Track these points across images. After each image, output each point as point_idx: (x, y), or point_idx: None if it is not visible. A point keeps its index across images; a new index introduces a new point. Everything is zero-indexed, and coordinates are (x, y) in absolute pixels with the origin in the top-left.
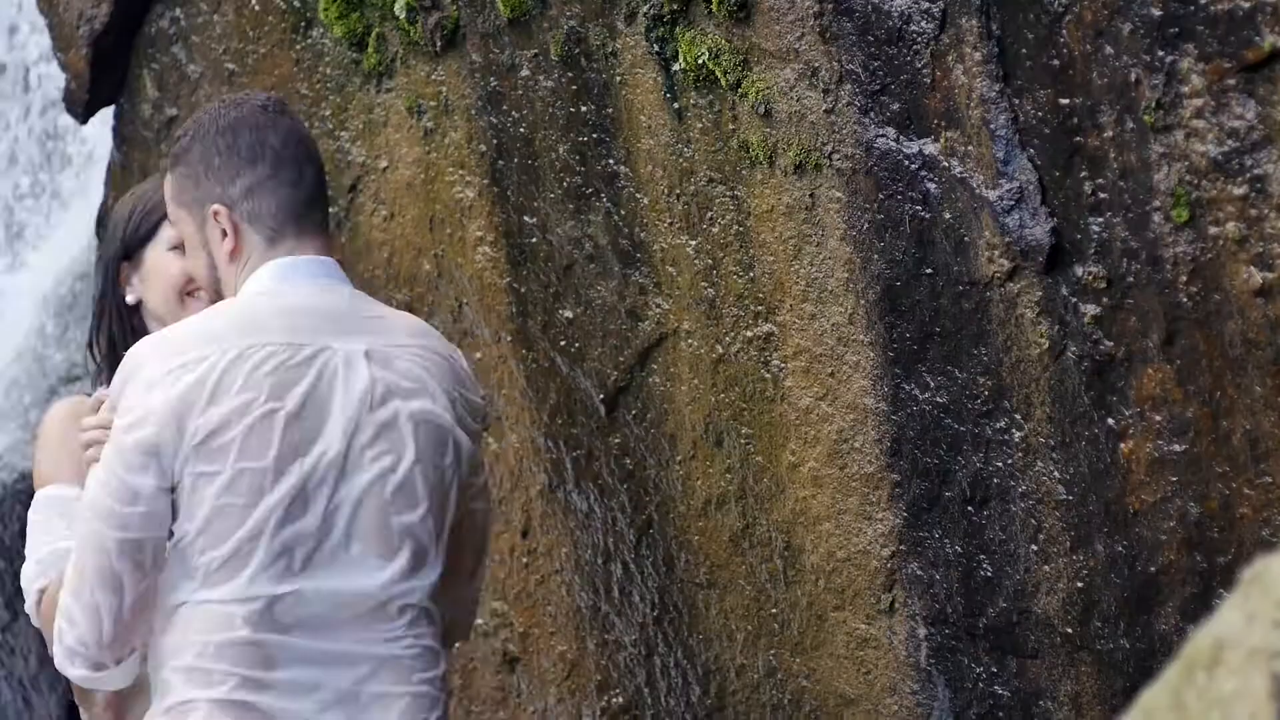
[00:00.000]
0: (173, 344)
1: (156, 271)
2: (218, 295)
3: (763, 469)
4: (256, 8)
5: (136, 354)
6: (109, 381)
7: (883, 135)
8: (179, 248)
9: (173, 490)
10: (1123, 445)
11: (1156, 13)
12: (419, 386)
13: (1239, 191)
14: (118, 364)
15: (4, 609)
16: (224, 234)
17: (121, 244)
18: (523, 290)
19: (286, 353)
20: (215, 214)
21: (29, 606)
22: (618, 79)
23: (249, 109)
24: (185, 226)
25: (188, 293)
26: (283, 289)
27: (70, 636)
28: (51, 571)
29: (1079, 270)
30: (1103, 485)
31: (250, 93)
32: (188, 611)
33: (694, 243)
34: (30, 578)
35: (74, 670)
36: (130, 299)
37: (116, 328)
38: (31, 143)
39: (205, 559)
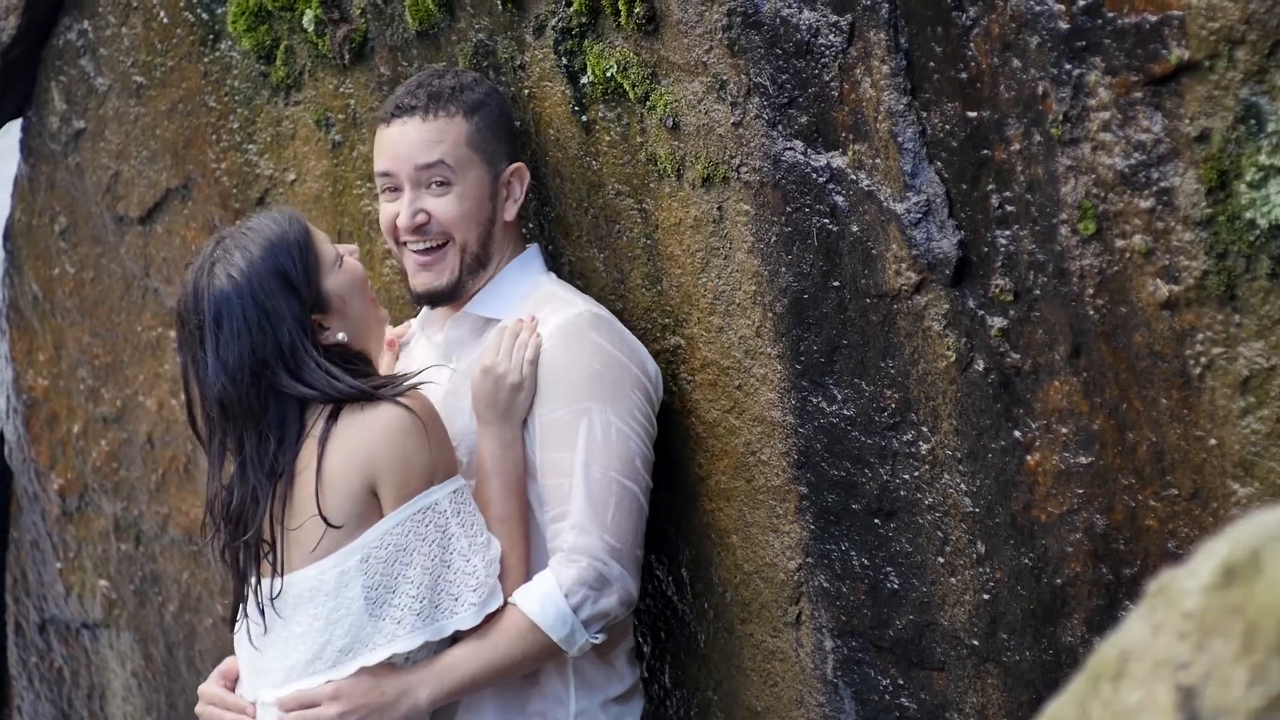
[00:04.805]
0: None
1: (349, 286)
2: (465, 244)
3: (670, 482)
4: (165, 20)
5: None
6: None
7: (790, 148)
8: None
9: None
10: (1029, 457)
11: (1064, 26)
12: None
13: (1145, 204)
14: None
15: None
16: (517, 195)
17: (301, 301)
18: None
19: None
20: (517, 172)
21: None
22: (526, 92)
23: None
24: (471, 172)
25: (409, 233)
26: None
27: None
28: None
29: (986, 283)
30: (1009, 497)
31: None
32: None
33: (602, 255)
34: None
35: None
36: (340, 337)
37: (327, 368)
38: None
39: None
